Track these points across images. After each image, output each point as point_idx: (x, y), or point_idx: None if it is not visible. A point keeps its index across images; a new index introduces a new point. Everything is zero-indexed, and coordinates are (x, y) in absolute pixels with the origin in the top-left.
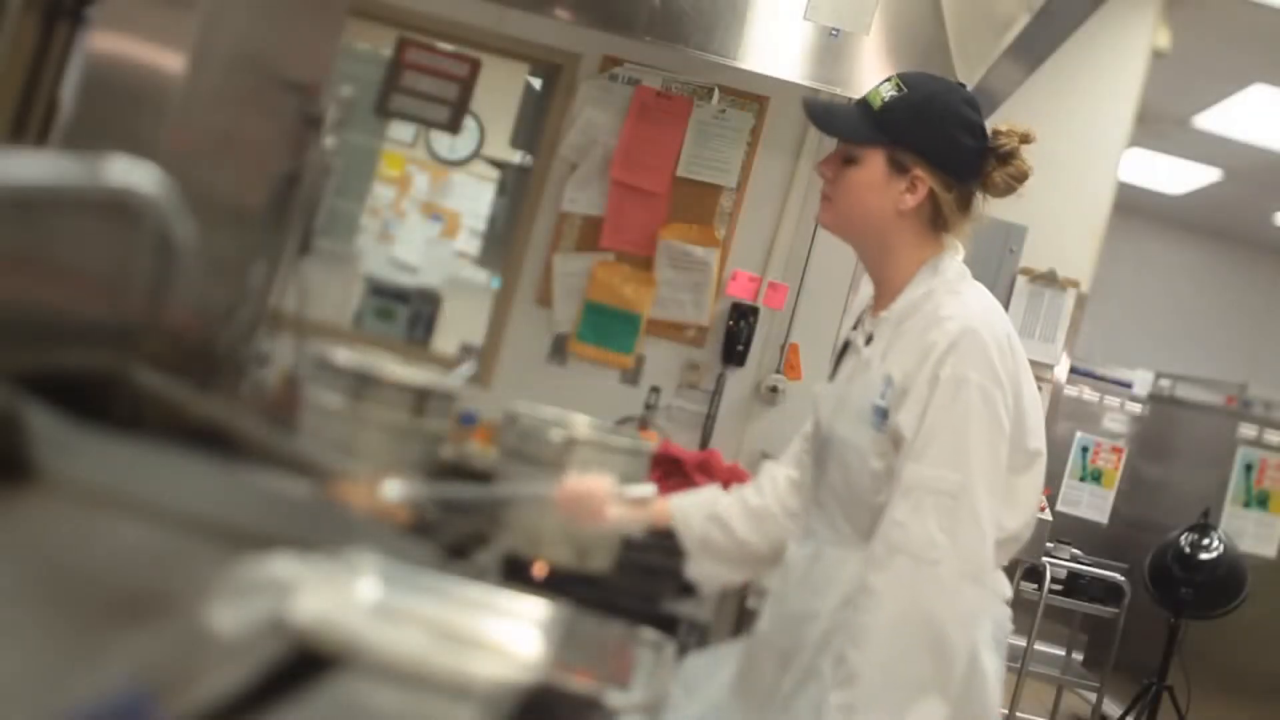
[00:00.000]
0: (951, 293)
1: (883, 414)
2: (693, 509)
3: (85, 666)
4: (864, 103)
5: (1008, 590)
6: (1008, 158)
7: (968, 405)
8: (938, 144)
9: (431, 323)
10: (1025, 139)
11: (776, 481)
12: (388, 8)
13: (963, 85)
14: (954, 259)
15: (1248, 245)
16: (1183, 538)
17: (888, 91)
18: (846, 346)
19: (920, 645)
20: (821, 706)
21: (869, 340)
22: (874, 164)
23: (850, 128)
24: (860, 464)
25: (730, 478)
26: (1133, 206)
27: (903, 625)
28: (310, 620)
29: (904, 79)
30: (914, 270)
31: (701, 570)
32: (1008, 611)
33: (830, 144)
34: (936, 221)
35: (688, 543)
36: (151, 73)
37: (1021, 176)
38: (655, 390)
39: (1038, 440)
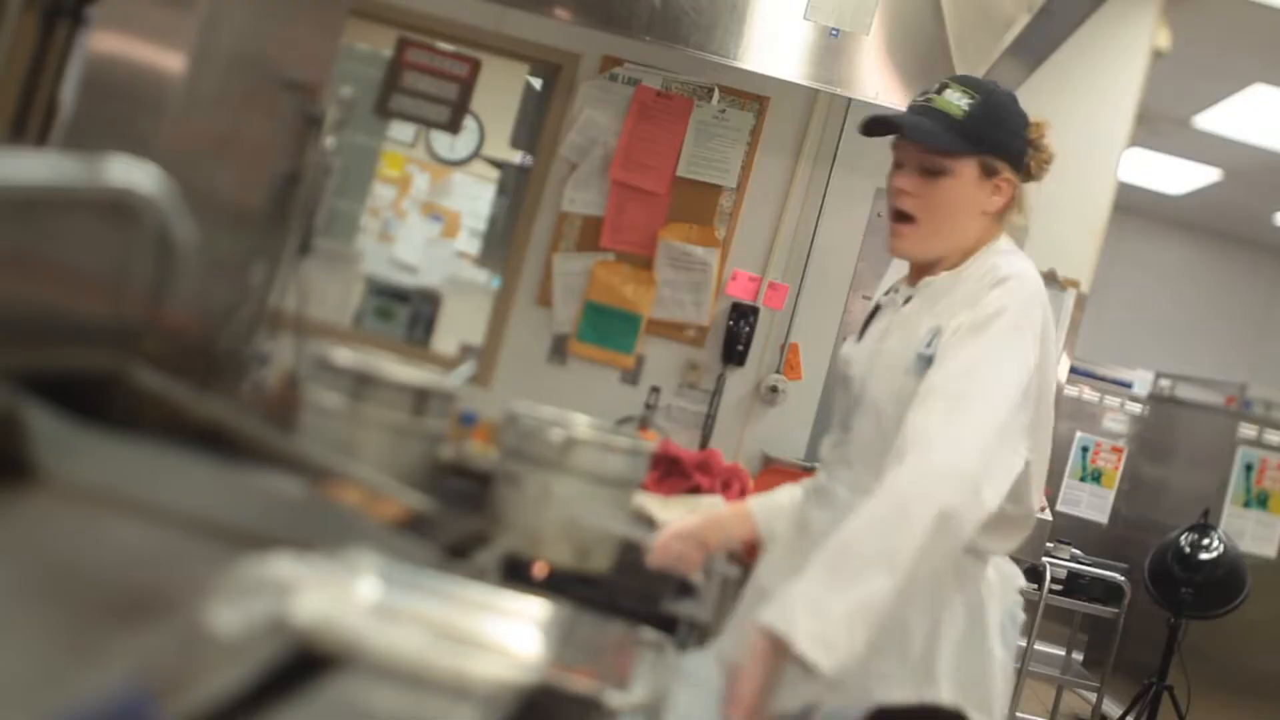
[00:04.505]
0: (1007, 257)
1: (927, 361)
2: (777, 518)
3: (85, 666)
4: (938, 113)
5: (1020, 579)
6: (1037, 144)
7: (997, 329)
8: (1013, 145)
9: (431, 323)
10: (1041, 128)
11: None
12: (388, 8)
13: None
14: (1008, 240)
15: (1248, 245)
16: (1183, 538)
17: (961, 99)
18: (876, 311)
19: (884, 519)
20: None
21: (907, 301)
22: (967, 173)
23: (947, 140)
24: (895, 411)
25: (730, 477)
26: (1133, 206)
27: (878, 506)
28: (310, 620)
29: (971, 85)
30: (973, 251)
31: None
32: (1019, 600)
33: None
34: (1001, 214)
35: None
36: (151, 73)
37: (1050, 160)
38: (655, 390)
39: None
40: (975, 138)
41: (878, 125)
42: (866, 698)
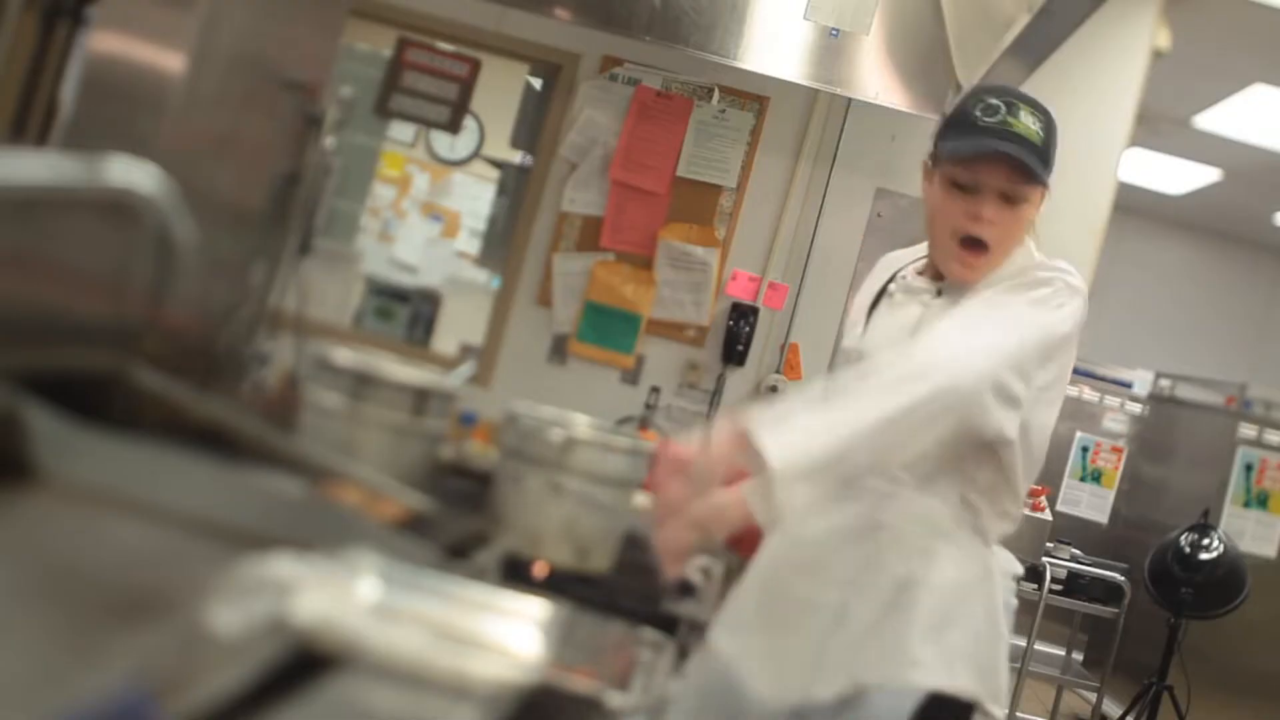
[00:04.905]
0: (1048, 259)
1: None
2: None
3: (85, 666)
4: (1024, 139)
5: (1016, 566)
6: None
7: (1037, 294)
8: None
9: (431, 323)
10: None
11: None
12: (388, 8)
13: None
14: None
15: (1248, 245)
16: (1183, 538)
17: (1035, 123)
18: (878, 300)
19: (892, 374)
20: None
21: (938, 294)
22: (1036, 197)
23: (1043, 172)
24: None
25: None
26: (1133, 206)
27: (891, 367)
28: (310, 620)
29: (1034, 105)
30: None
31: None
32: (1013, 587)
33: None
34: None
35: None
36: (151, 73)
37: None
38: (655, 390)
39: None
40: (1050, 163)
41: (993, 156)
42: (906, 685)
